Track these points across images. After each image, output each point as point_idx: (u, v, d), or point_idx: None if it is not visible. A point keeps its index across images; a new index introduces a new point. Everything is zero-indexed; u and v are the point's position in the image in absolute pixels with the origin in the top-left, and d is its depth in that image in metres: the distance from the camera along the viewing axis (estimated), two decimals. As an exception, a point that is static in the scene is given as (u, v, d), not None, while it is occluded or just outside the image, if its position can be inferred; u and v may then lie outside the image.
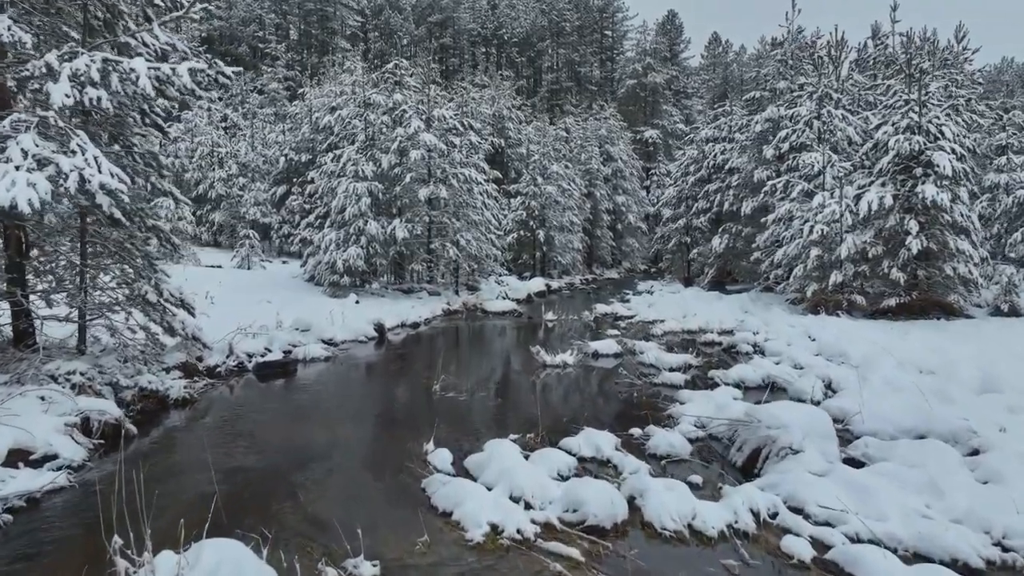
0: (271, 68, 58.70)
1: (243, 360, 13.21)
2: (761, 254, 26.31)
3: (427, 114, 24.87)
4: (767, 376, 11.78)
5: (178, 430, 9.30)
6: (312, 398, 11.17)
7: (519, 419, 9.70)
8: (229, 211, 39.31)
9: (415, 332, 19.45)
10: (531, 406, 10.26)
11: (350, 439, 8.79)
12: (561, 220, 39.49)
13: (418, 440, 8.30)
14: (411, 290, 25.04)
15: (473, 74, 62.68)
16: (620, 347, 15.17)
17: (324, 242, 23.23)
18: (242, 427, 9.36)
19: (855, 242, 18.79)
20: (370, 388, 11.88)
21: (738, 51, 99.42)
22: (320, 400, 11.00)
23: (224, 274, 26.14)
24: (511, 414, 10.18)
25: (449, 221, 24.59)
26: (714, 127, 36.10)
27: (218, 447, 8.34)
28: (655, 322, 20.43)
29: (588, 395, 11.67)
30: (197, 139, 42.12)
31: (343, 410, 10.35)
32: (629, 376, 12.14)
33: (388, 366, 14.41)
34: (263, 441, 8.70)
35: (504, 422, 9.67)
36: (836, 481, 6.30)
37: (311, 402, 10.87)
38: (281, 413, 10.18)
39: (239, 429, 9.28)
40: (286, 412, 10.24)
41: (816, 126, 23.77)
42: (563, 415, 9.82)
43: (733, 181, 29.94)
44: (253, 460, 7.90)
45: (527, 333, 19.74)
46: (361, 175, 23.68)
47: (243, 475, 7.36)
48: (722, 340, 16.59)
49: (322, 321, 16.59)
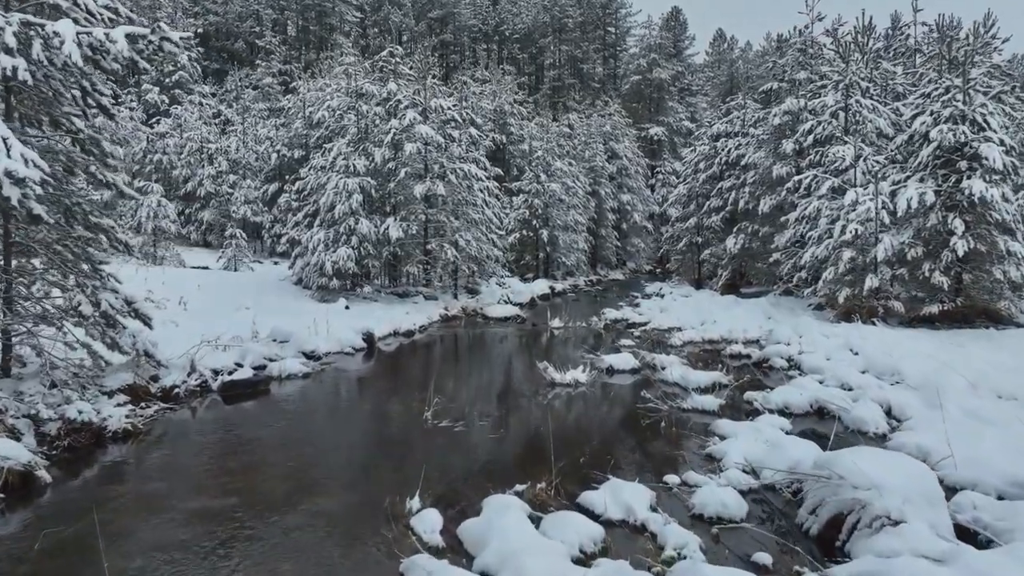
0: (265, 62, 56.98)
1: (207, 378, 11.51)
2: (781, 255, 24.58)
3: (423, 105, 23.14)
4: (815, 400, 10.05)
5: (105, 475, 7.58)
6: (281, 428, 9.46)
7: (526, 459, 7.99)
8: (218, 209, 37.60)
9: (409, 341, 17.74)
10: (540, 440, 8.56)
11: (317, 487, 7.08)
12: (565, 219, 37.77)
13: (401, 491, 6.60)
14: (406, 294, 23.33)
15: (473, 70, 60.98)
16: (638, 362, 13.46)
17: (312, 242, 21.53)
18: (187, 469, 7.66)
19: (892, 243, 17.07)
20: (350, 415, 10.18)
21: (743, 48, 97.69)
22: (290, 431, 9.29)
23: (207, 276, 24.44)
24: (516, 451, 8.47)
25: (447, 220, 22.88)
26: (726, 121, 34.33)
27: (146, 501, 6.64)
28: (672, 330, 18.72)
29: (607, 425, 9.95)
30: (186, 135, 40.40)
31: (315, 445, 8.64)
32: (653, 399, 10.43)
33: (375, 385, 12.68)
34: (209, 489, 6.99)
35: (507, 464, 7.96)
36: (964, 574, 4.58)
37: (278, 434, 9.16)
38: (240, 448, 8.47)
39: (183, 470, 7.57)
40: (246, 447, 8.53)
41: (842, 117, 22.05)
42: (579, 453, 8.10)
43: (749, 178, 28.21)
44: (186, 520, 6.19)
45: (531, 342, 18.03)
46: (352, 170, 21.97)
47: (168, 545, 5.65)
48: (750, 352, 14.87)
49: (304, 331, 14.89)
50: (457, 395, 11.25)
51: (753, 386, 11.66)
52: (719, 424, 8.96)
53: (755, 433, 8.24)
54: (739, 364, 14.39)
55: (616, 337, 18.11)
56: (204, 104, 47.07)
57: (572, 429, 9.38)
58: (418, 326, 19.32)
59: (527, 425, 9.60)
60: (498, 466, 7.86)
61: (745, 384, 11.74)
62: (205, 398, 10.98)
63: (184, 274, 24.82)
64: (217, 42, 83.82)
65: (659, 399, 10.48)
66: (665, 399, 10.52)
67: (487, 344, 17.92)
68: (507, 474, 7.37)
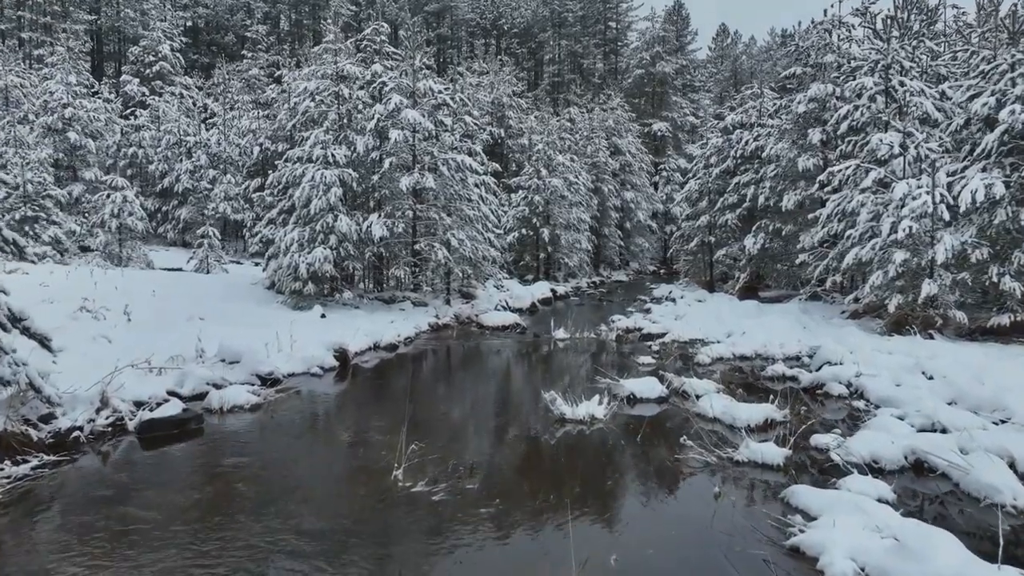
0: (252, 53, 54.45)
1: (124, 415, 9.05)
2: (808, 256, 22.18)
3: (411, 88, 20.67)
4: (911, 451, 7.62)
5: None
6: (195, 496, 6.99)
7: (531, 555, 5.56)
8: (197, 207, 35.09)
9: (392, 356, 15.29)
10: (551, 515, 6.15)
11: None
12: (567, 217, 35.33)
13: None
14: (392, 300, 20.87)
15: (470, 62, 58.48)
16: (664, 387, 11.01)
17: (284, 242, 19.06)
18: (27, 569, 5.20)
19: (953, 243, 14.64)
20: (292, 474, 7.65)
21: (747, 43, 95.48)
22: (207, 499, 6.83)
23: (171, 280, 21.97)
24: (518, 541, 6.02)
25: (438, 216, 20.40)
26: (741, 112, 31.90)
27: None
28: (695, 343, 16.29)
29: (640, 490, 7.49)
30: (163, 127, 37.90)
31: (236, 530, 6.17)
32: (695, 446, 7.99)
33: (338, 421, 10.17)
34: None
35: (506, 569, 5.52)
36: None
37: (190, 506, 6.69)
38: (128, 532, 6.00)
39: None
40: (138, 528, 6.07)
41: (880, 101, 19.62)
42: (609, 547, 5.66)
43: (769, 172, 25.76)
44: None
45: (533, 358, 15.59)
46: (331, 161, 19.51)
47: None
48: (796, 374, 12.43)
49: (260, 348, 12.41)
50: (440, 437, 8.80)
51: (811, 421, 9.23)
52: (797, 493, 6.51)
53: (856, 512, 5.81)
54: (781, 387, 11.98)
55: (630, 351, 15.68)
56: (185, 96, 44.56)
57: (593, 499, 6.92)
58: (403, 338, 16.87)
59: (532, 489, 7.15)
60: (490, 569, 5.41)
61: (802, 419, 9.31)
62: (118, 442, 8.52)
63: (146, 277, 22.34)
64: (207, 35, 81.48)
65: (703, 445, 8.03)
66: (710, 444, 8.08)
67: (482, 360, 15.46)
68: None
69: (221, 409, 9.90)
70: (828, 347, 13.03)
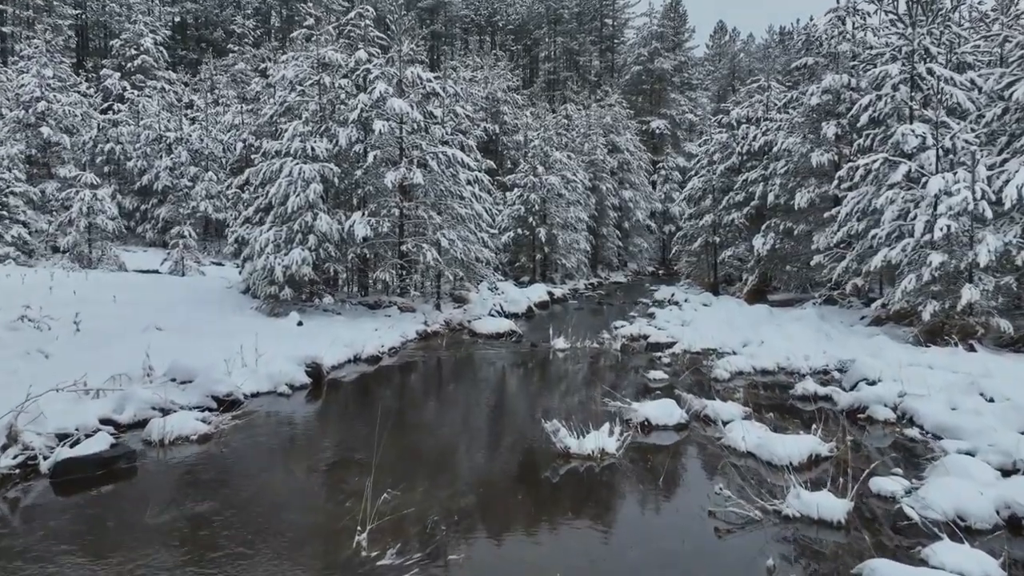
0: (238, 47, 52.76)
1: (37, 452, 7.50)
2: (824, 258, 20.74)
3: (398, 76, 19.11)
4: (1005, 504, 6.14)
5: None
6: (93, 570, 5.45)
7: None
8: (176, 205, 33.42)
9: (373, 370, 13.74)
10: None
11: None
12: (565, 216, 33.81)
13: None
14: (378, 305, 19.31)
15: (464, 57, 56.86)
16: (684, 411, 9.49)
17: (259, 242, 17.50)
18: None
19: (996, 243, 13.19)
20: (231, 533, 6.11)
21: (745, 40, 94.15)
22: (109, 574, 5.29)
23: (140, 284, 20.41)
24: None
25: (427, 215, 18.85)
26: (747, 106, 30.46)
27: None
28: (709, 354, 14.81)
29: (670, 560, 5.97)
30: (143, 122, 36.22)
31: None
32: (732, 495, 6.48)
33: (298, 457, 8.52)
34: None
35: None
36: None
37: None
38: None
39: None
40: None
41: (904, 91, 18.15)
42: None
43: (779, 168, 24.30)
44: None
45: (531, 372, 14.07)
46: (311, 155, 17.95)
47: None
48: (830, 393, 10.93)
49: (219, 364, 10.84)
50: (419, 480, 7.28)
51: (870, 461, 7.75)
52: (878, 571, 5.01)
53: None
54: (812, 407, 10.51)
55: (638, 364, 14.18)
56: (168, 91, 42.90)
57: (611, 571, 5.40)
58: (387, 348, 15.32)
59: (532, 562, 5.63)
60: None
61: (851, 453, 7.83)
62: (24, 489, 6.97)
63: (114, 280, 20.76)
64: (195, 31, 79.70)
65: (742, 494, 6.53)
66: (749, 491, 6.58)
67: (473, 376, 13.93)
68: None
69: (162, 441, 8.35)
70: (863, 362, 11.55)
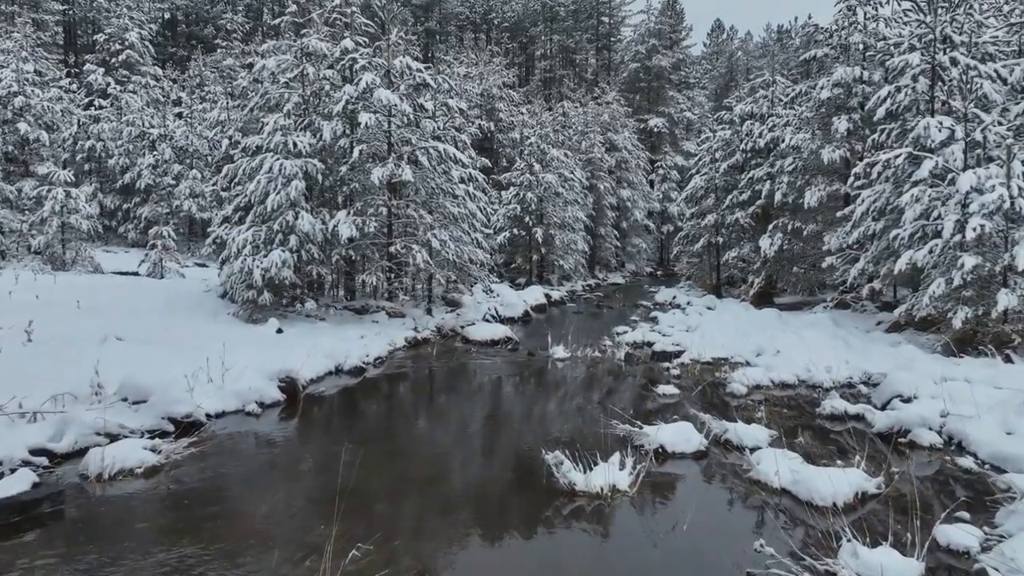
0: (226, 43, 51.49)
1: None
2: (837, 259, 19.67)
3: (386, 66, 17.94)
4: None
5: None
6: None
7: None
8: (160, 204, 32.17)
9: (356, 383, 12.58)
10: None
11: None
12: (562, 216, 32.71)
13: None
14: (365, 310, 18.15)
15: (458, 54, 55.63)
16: (703, 437, 8.36)
17: (237, 243, 16.32)
18: None
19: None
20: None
21: (743, 38, 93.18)
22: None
23: (110, 287, 19.19)
24: None
25: (416, 214, 17.69)
26: (751, 101, 29.38)
27: None
28: (721, 364, 13.70)
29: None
30: (125, 118, 34.95)
31: None
32: (774, 553, 5.35)
33: (256, 495, 7.25)
34: None
35: None
36: None
37: None
38: None
39: None
40: None
41: (923, 83, 17.09)
42: None
43: (787, 165, 23.22)
44: None
45: (528, 387, 12.92)
46: (293, 150, 16.79)
47: None
48: (861, 411, 9.81)
49: (179, 379, 9.66)
50: (396, 528, 6.13)
51: (910, 491, 6.63)
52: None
53: None
54: (843, 429, 9.43)
55: (645, 376, 13.06)
56: (152, 87, 41.58)
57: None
58: (373, 358, 14.15)
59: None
60: None
61: (895, 484, 6.72)
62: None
63: (85, 283, 19.57)
64: (186, 27, 78.39)
65: (787, 548, 5.40)
66: (791, 542, 5.45)
67: (465, 390, 12.77)
68: None
69: (101, 476, 7.18)
70: (896, 376, 10.44)
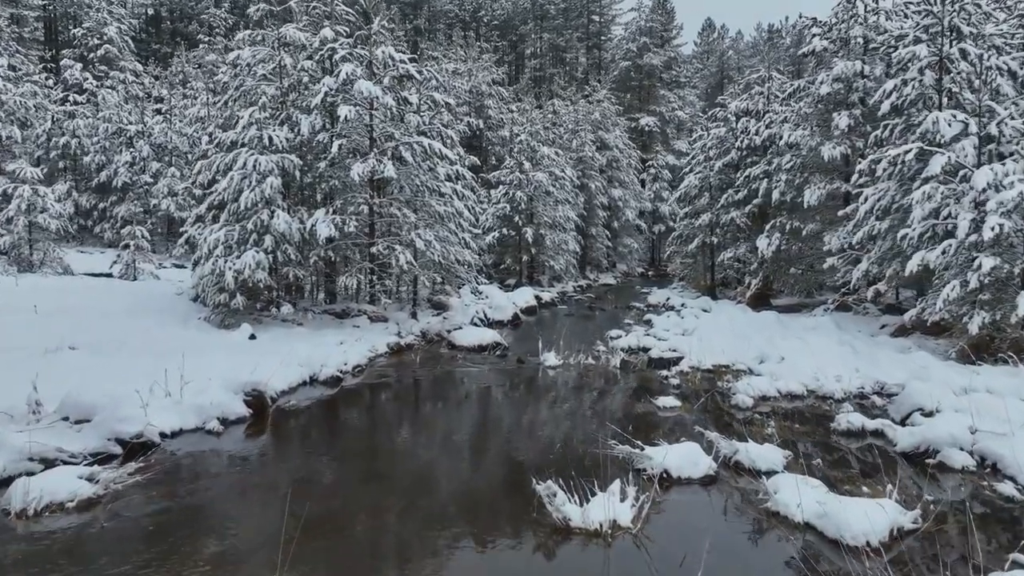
0: (208, 38, 50.33)
1: None
2: (838, 260, 18.94)
3: (368, 57, 17.03)
4: None
5: None
6: None
7: None
8: (137, 203, 31.03)
9: (330, 396, 11.65)
10: None
11: None
12: (553, 215, 31.87)
13: None
14: (346, 314, 17.23)
15: (447, 50, 54.69)
16: (711, 458, 7.52)
17: (208, 243, 15.37)
18: None
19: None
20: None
21: (734, 37, 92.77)
22: None
23: (74, 290, 18.16)
24: None
25: (400, 213, 16.79)
26: (746, 98, 28.66)
27: None
28: (723, 372, 12.88)
29: None
30: (101, 114, 33.79)
31: None
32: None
33: (200, 538, 6.26)
34: None
35: None
36: None
37: None
38: None
39: None
40: None
41: (929, 76, 16.36)
42: None
43: (784, 163, 22.47)
44: None
45: (517, 398, 12.04)
46: (268, 145, 15.85)
47: None
48: (880, 427, 9.00)
49: (130, 395, 8.71)
50: (362, 572, 5.23)
51: (950, 525, 5.82)
52: None
53: None
54: (860, 445, 8.63)
55: (645, 387, 12.22)
56: (132, 83, 40.41)
57: None
58: (352, 366, 13.23)
59: None
60: None
61: (931, 517, 5.91)
62: None
63: (50, 286, 18.55)
64: (170, 24, 77.05)
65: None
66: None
67: (449, 402, 11.86)
68: None
69: (25, 512, 6.24)
70: (916, 388, 9.65)
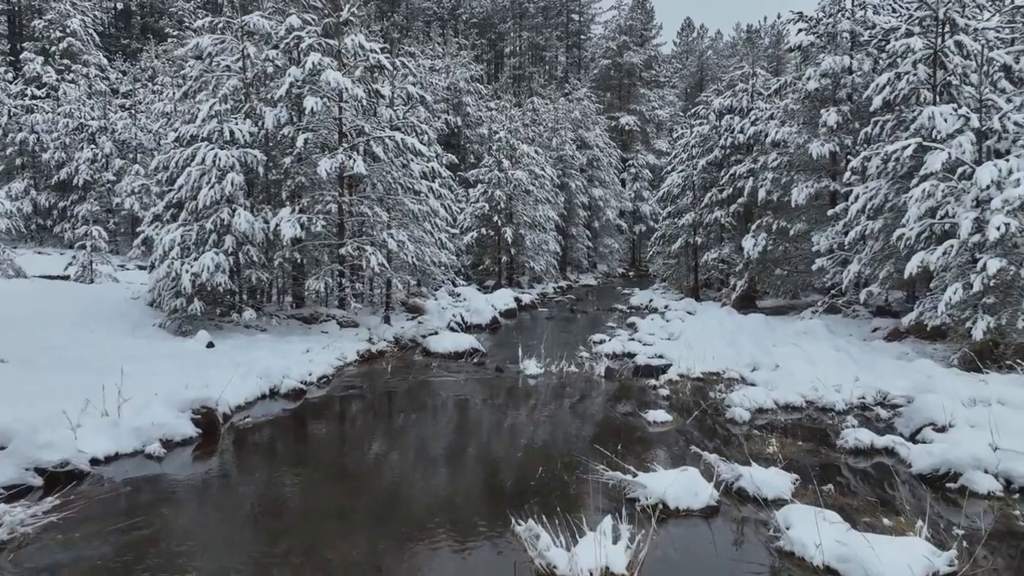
0: (178, 31, 48.83)
1: None
2: (827, 261, 18.35)
3: (337, 46, 16.04)
4: None
5: None
6: None
7: None
8: (98, 202, 29.65)
9: (291, 411, 10.69)
10: None
11: None
12: (533, 215, 31.06)
13: None
14: (314, 319, 16.23)
15: (425, 46, 53.65)
16: (713, 488, 6.70)
17: (164, 244, 14.30)
18: None
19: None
20: None
21: (713, 37, 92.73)
22: None
23: (16, 294, 16.90)
24: None
25: (371, 212, 15.83)
26: (730, 95, 28.06)
27: None
28: (715, 382, 12.12)
29: None
30: (61, 108, 32.33)
31: None
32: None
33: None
34: None
35: None
36: None
37: None
38: None
39: None
40: None
41: (922, 70, 15.79)
42: None
43: (771, 161, 21.84)
44: None
45: (495, 416, 11.14)
46: (229, 139, 14.81)
47: None
48: (891, 444, 8.25)
49: (55, 416, 7.69)
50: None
51: (988, 566, 5.06)
52: None
53: None
54: (868, 465, 7.90)
55: (631, 398, 11.41)
56: (95, 77, 38.86)
57: None
58: (317, 377, 12.25)
59: None
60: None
61: (968, 558, 5.15)
62: None
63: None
64: (140, 19, 75.06)
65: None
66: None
67: (421, 419, 10.92)
68: None
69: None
70: (926, 401, 8.93)
